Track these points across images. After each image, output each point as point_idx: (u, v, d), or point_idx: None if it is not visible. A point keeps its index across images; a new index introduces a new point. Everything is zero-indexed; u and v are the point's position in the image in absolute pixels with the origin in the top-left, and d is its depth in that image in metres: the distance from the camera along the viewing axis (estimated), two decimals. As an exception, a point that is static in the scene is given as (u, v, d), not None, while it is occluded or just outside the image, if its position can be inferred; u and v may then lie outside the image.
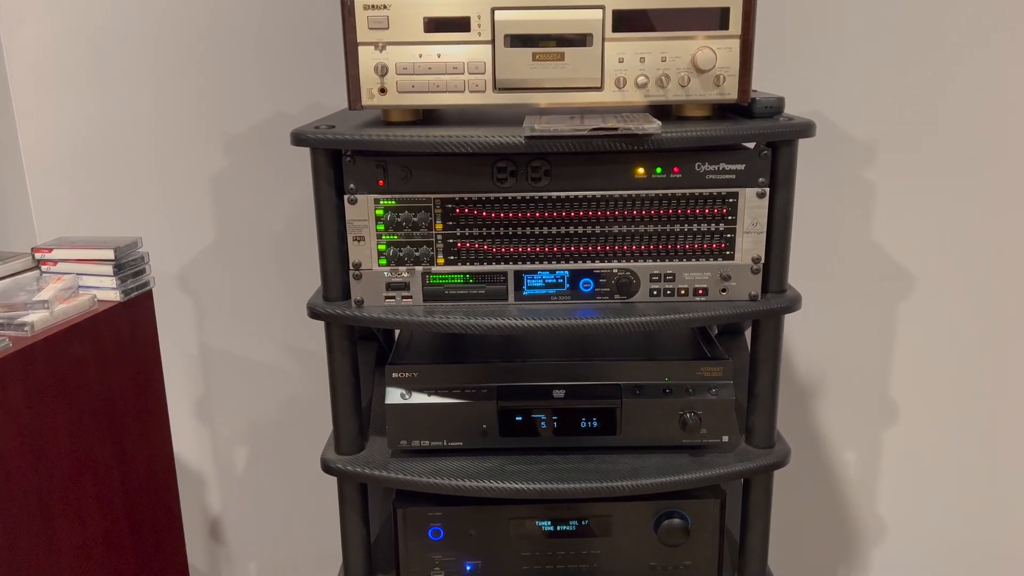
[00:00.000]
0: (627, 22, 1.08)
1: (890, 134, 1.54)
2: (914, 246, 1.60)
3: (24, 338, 1.17)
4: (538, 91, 1.10)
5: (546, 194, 1.12)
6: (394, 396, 1.20)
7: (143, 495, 1.42)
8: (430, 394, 1.20)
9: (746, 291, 1.15)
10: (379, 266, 1.14)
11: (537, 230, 1.13)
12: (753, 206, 1.12)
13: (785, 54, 1.51)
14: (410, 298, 1.15)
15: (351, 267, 1.14)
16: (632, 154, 1.10)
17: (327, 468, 1.21)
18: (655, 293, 1.15)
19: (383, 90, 1.10)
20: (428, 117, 1.19)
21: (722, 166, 1.11)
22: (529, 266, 1.14)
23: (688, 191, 1.12)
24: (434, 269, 1.14)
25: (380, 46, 1.09)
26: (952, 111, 1.52)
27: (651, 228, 1.13)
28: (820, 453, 1.74)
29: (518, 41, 1.08)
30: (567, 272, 1.14)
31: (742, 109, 1.14)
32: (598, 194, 1.12)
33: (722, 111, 1.18)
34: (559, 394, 1.20)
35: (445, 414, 1.20)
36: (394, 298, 1.15)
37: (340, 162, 1.11)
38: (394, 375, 1.20)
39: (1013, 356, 1.64)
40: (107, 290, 1.32)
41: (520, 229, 1.13)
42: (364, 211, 1.12)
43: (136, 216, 1.65)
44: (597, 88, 1.10)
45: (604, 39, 1.08)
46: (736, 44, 1.08)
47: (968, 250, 1.59)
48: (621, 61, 1.09)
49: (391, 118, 1.15)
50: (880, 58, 1.51)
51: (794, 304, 1.15)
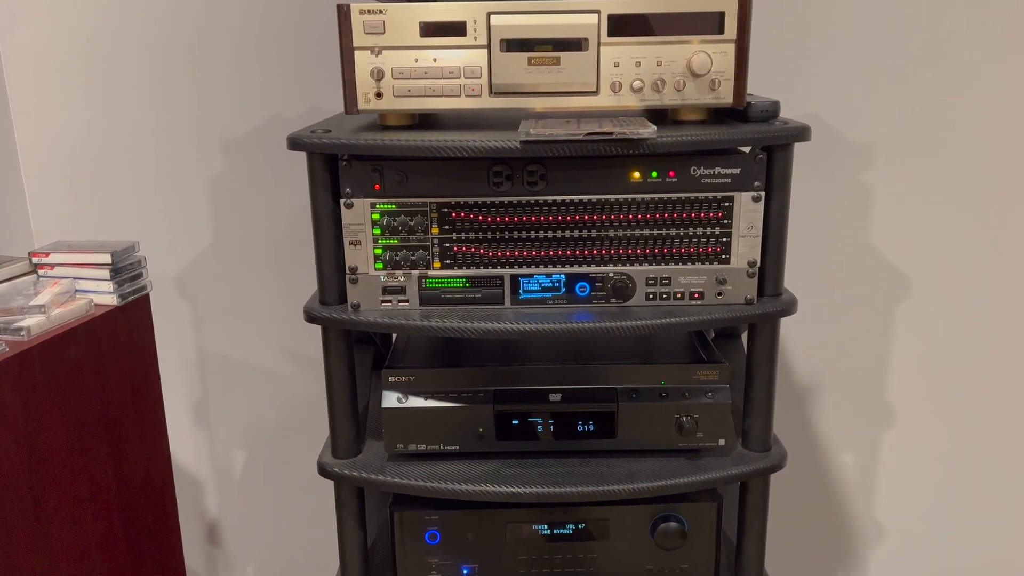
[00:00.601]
0: (622, 27, 1.08)
1: (888, 137, 1.55)
2: (912, 249, 1.60)
3: (21, 343, 1.17)
4: (534, 95, 1.10)
5: (542, 198, 1.12)
6: (391, 400, 1.20)
7: (140, 499, 1.42)
8: (427, 398, 1.20)
9: (742, 295, 1.15)
10: (375, 270, 1.14)
11: (533, 234, 1.13)
12: (749, 210, 1.12)
13: (783, 57, 1.51)
14: (406, 302, 1.15)
15: (347, 271, 1.14)
16: (628, 158, 1.10)
17: (324, 472, 1.21)
18: (651, 297, 1.15)
19: (379, 94, 1.10)
20: (424, 121, 1.20)
21: (718, 170, 1.11)
22: (525, 270, 1.14)
23: (684, 195, 1.12)
24: (430, 273, 1.14)
25: (376, 50, 1.09)
26: (951, 113, 1.52)
27: (647, 232, 1.13)
28: (817, 456, 1.74)
29: (514, 46, 1.08)
30: (563, 276, 1.15)
31: (738, 113, 1.15)
32: (594, 198, 1.12)
33: (718, 115, 1.18)
34: (555, 398, 1.20)
35: (442, 418, 1.20)
36: (390, 302, 1.15)
37: (336, 166, 1.11)
38: (391, 379, 1.20)
39: (1011, 358, 1.64)
40: (104, 294, 1.32)
41: (516, 233, 1.13)
42: (360, 215, 1.12)
43: (133, 219, 1.65)
44: (593, 92, 1.10)
45: (600, 43, 1.08)
46: (731, 48, 1.08)
47: (966, 252, 1.59)
48: (617, 65, 1.09)
49: (387, 122, 1.15)
50: (878, 61, 1.51)
51: (790, 308, 1.15)
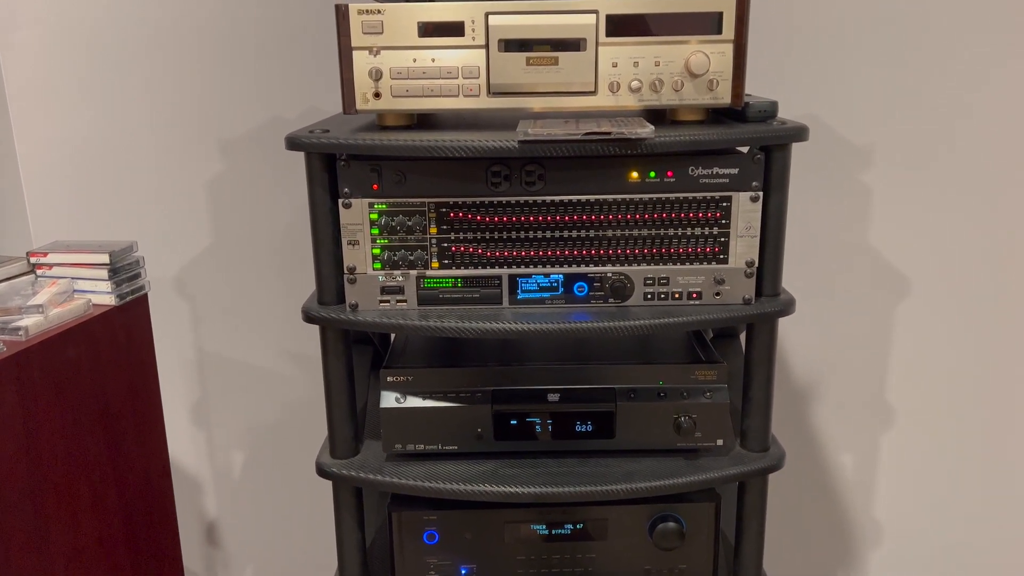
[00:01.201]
0: (621, 27, 1.08)
1: (887, 137, 1.55)
2: (910, 249, 1.60)
3: (19, 343, 1.17)
4: (532, 95, 1.10)
5: (540, 198, 1.12)
6: (389, 400, 1.20)
7: (139, 499, 1.42)
8: (425, 398, 1.20)
9: (740, 295, 1.15)
10: (374, 270, 1.14)
11: (531, 234, 1.13)
12: (747, 210, 1.12)
13: (782, 58, 1.51)
14: (405, 302, 1.15)
15: (346, 271, 1.14)
16: (626, 158, 1.10)
17: (322, 472, 1.21)
18: (649, 297, 1.15)
19: (377, 94, 1.10)
20: (423, 121, 1.20)
21: (716, 170, 1.11)
22: (523, 270, 1.14)
23: (682, 195, 1.12)
24: (428, 273, 1.14)
25: (374, 51, 1.09)
26: (949, 114, 1.52)
27: (645, 232, 1.13)
28: (816, 456, 1.74)
29: (512, 46, 1.08)
30: (561, 276, 1.15)
31: (736, 113, 1.15)
32: (592, 198, 1.12)
33: (716, 115, 1.18)
34: (554, 398, 1.20)
35: (440, 418, 1.20)
36: (389, 302, 1.15)
37: (335, 166, 1.11)
38: (389, 379, 1.20)
39: (1010, 359, 1.64)
40: (102, 294, 1.32)
41: (514, 233, 1.13)
42: (358, 215, 1.12)
43: (132, 219, 1.65)
44: (591, 92, 1.10)
45: (598, 44, 1.08)
46: (729, 48, 1.08)
47: (965, 252, 1.59)
48: (615, 65, 1.09)
49: (386, 122, 1.15)
50: (877, 61, 1.51)
51: (788, 308, 1.15)
